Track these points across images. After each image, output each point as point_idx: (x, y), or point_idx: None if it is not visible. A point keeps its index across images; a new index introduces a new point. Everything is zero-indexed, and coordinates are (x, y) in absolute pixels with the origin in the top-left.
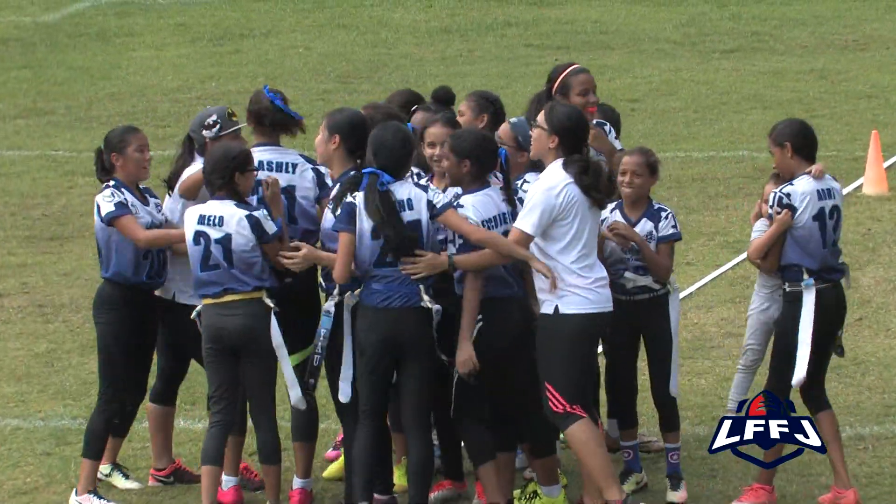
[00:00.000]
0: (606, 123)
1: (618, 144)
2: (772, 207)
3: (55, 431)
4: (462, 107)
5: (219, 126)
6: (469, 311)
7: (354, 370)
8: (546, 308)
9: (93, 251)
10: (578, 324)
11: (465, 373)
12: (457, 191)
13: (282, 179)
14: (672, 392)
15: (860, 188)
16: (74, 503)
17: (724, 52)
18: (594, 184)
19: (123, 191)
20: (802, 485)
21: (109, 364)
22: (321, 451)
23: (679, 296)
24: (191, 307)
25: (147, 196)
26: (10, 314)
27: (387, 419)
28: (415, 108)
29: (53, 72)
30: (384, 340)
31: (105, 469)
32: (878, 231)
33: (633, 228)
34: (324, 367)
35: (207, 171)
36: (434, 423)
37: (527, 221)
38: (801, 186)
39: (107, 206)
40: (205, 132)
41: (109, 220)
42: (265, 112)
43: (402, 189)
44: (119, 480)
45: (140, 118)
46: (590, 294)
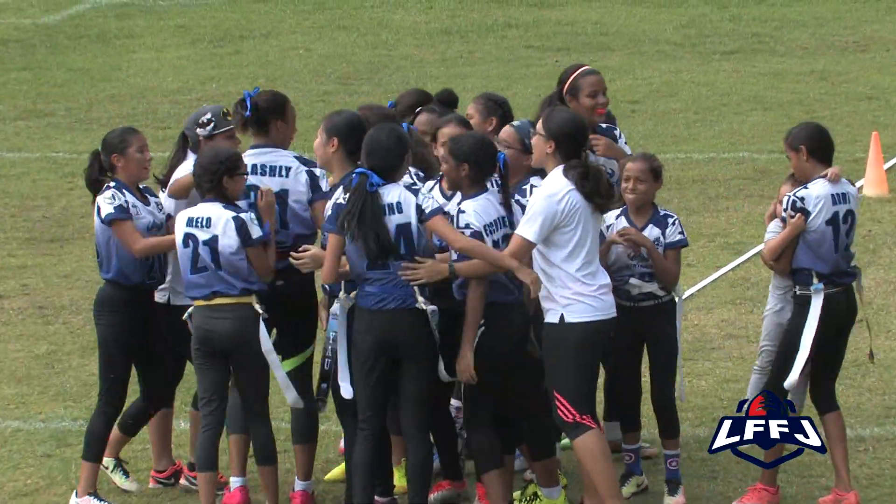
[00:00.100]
0: (616, 127)
1: (627, 150)
2: (785, 210)
3: (56, 433)
4: (470, 109)
5: (213, 124)
6: (472, 319)
7: (351, 370)
8: (551, 317)
9: (93, 253)
10: (584, 332)
11: (464, 380)
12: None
13: (275, 184)
14: (681, 399)
15: (860, 190)
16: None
17: (725, 54)
18: (595, 189)
19: (124, 192)
20: (803, 486)
21: (110, 365)
22: (321, 454)
23: (683, 302)
24: (185, 308)
25: (147, 196)
26: (11, 316)
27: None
28: (420, 110)
29: (53, 73)
30: (379, 342)
31: (107, 462)
32: (879, 233)
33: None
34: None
35: (197, 174)
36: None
37: (528, 229)
38: (816, 190)
39: (107, 208)
40: (199, 130)
41: (108, 222)
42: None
43: (393, 192)
44: (119, 478)
45: (140, 120)
46: (594, 302)
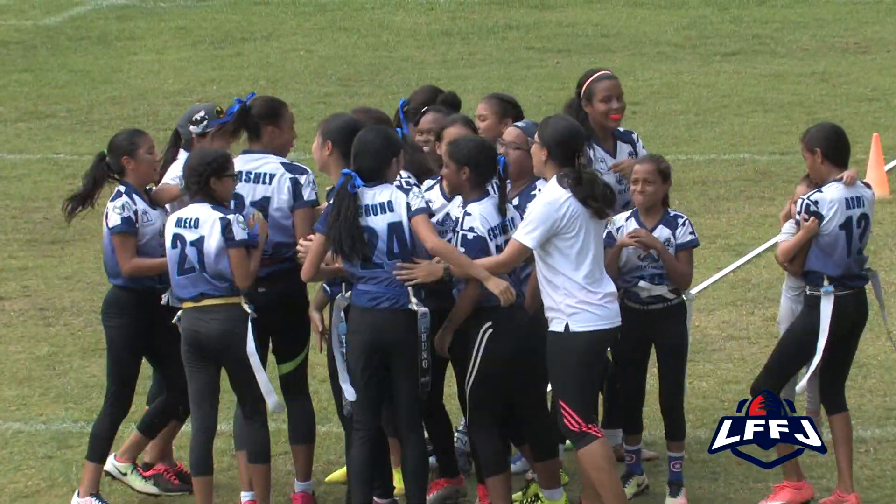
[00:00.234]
0: (634, 132)
1: (645, 153)
2: (799, 213)
3: (56, 435)
4: (483, 110)
5: (206, 122)
6: (461, 308)
7: (330, 372)
8: (556, 326)
9: (94, 255)
10: (589, 341)
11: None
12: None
13: (258, 191)
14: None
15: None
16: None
17: (725, 55)
18: (590, 193)
19: (135, 198)
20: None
21: (119, 367)
22: (322, 455)
23: (693, 305)
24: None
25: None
26: (12, 317)
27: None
28: (426, 109)
29: (54, 75)
30: (370, 341)
31: (123, 468)
32: (880, 234)
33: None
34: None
35: (185, 175)
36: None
37: (527, 235)
38: (830, 194)
39: (115, 218)
40: (192, 128)
41: (112, 233)
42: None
43: (384, 192)
44: (139, 482)
45: (141, 121)
46: (599, 310)
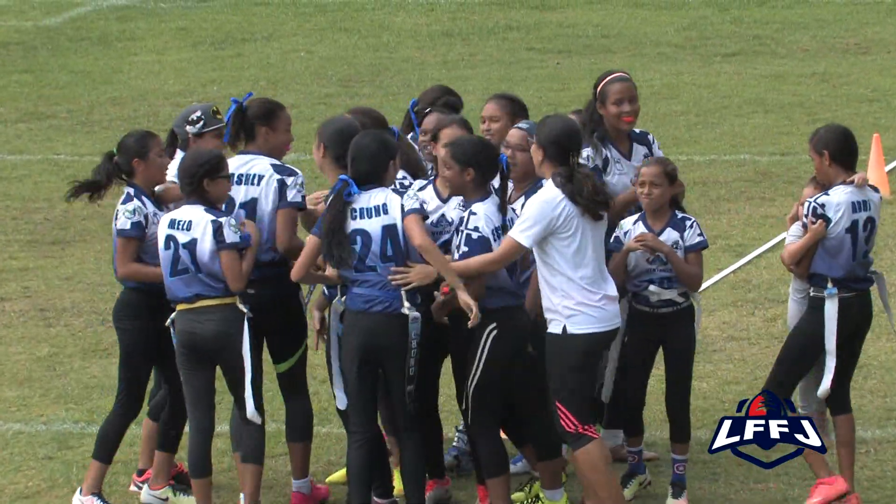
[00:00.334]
0: (650, 133)
1: (661, 154)
2: (806, 216)
3: (57, 435)
4: (494, 111)
5: (202, 122)
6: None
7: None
8: (554, 328)
9: (94, 255)
10: (587, 343)
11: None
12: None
13: (247, 192)
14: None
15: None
16: (77, 501)
17: (726, 56)
18: (578, 191)
19: (145, 201)
20: (804, 488)
21: (131, 370)
22: (323, 456)
23: (701, 308)
24: None
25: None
26: (12, 318)
27: (380, 425)
28: (429, 110)
29: (55, 76)
30: (363, 344)
31: (162, 493)
32: (880, 235)
33: (659, 238)
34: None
35: (178, 176)
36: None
37: (521, 232)
38: (837, 197)
39: (124, 222)
40: (188, 128)
41: (118, 234)
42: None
43: (379, 195)
44: (183, 500)
45: (142, 122)
46: (597, 312)
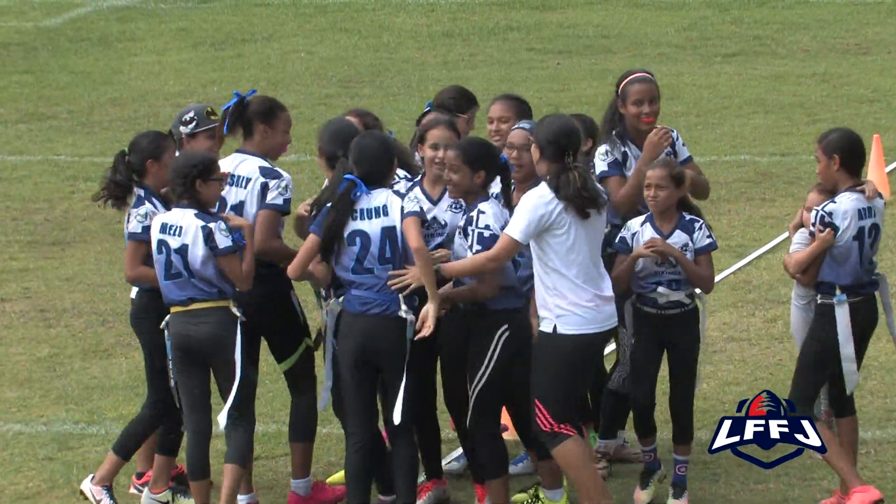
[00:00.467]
0: (673, 130)
1: (686, 152)
2: (814, 225)
3: (57, 436)
4: (503, 111)
5: (195, 123)
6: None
7: (335, 378)
8: (545, 326)
9: (94, 256)
10: (576, 344)
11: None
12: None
13: (237, 195)
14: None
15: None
16: (87, 487)
17: (726, 56)
18: (563, 187)
19: (156, 204)
20: (804, 489)
21: (157, 372)
22: (324, 457)
23: (706, 309)
24: None
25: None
26: (12, 319)
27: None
28: (428, 110)
29: (55, 77)
30: (359, 347)
31: (163, 497)
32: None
33: (668, 241)
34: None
35: (170, 178)
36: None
37: (515, 228)
38: (844, 205)
39: (135, 226)
40: (182, 128)
41: (129, 237)
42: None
43: (380, 196)
44: (185, 501)
45: (142, 123)
46: (588, 314)
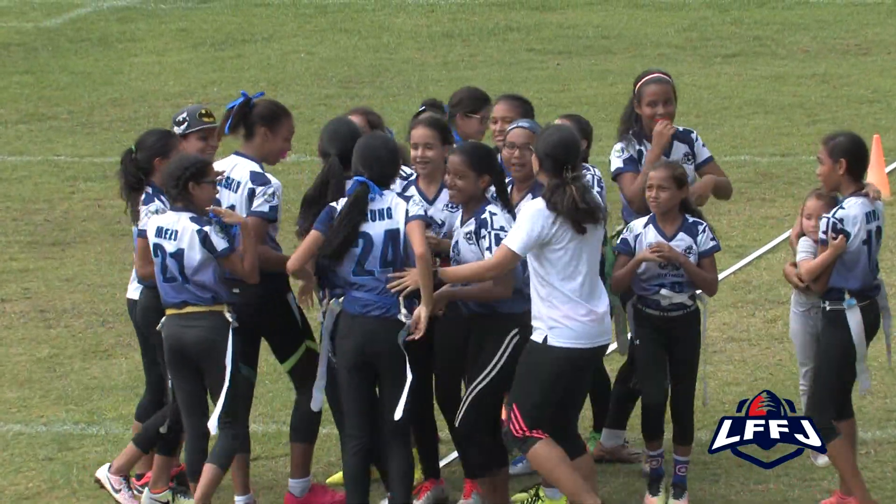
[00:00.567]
0: (693, 131)
1: (706, 152)
2: (825, 233)
3: (57, 437)
4: (507, 111)
5: (186, 124)
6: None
7: (328, 379)
8: (536, 336)
9: (94, 257)
10: (565, 356)
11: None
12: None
13: (229, 198)
14: (704, 403)
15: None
16: (104, 475)
17: (726, 57)
18: (559, 202)
19: (164, 201)
20: (804, 489)
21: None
22: (323, 457)
23: (707, 311)
24: None
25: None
26: (12, 319)
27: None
28: (423, 108)
29: (55, 77)
30: (358, 348)
31: (164, 497)
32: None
33: (671, 244)
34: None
35: (164, 181)
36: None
37: (514, 240)
38: (852, 210)
39: (144, 223)
40: (175, 128)
41: (139, 235)
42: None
43: (386, 198)
44: (184, 503)
45: (142, 123)
46: (581, 328)
